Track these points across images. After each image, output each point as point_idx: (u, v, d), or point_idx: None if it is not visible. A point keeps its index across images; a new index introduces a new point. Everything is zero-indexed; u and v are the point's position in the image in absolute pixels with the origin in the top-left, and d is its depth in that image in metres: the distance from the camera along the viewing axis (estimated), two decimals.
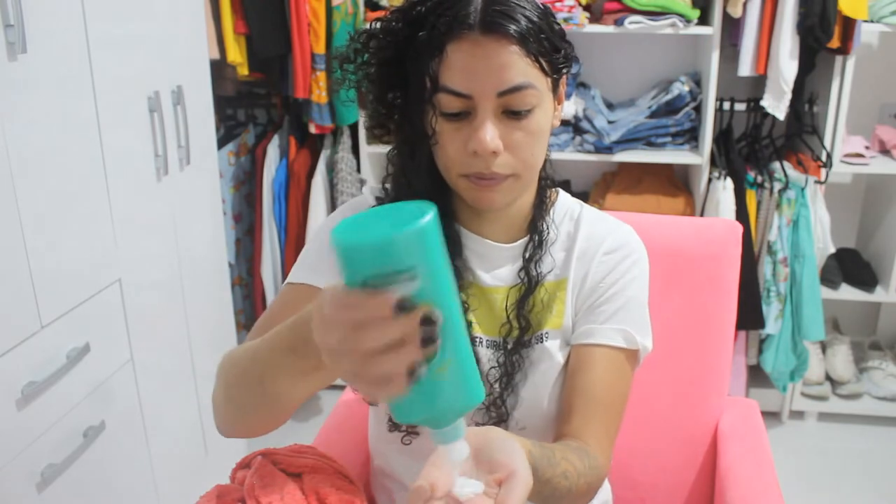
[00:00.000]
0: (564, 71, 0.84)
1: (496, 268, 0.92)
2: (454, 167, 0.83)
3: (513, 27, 0.77)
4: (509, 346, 0.90)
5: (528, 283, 0.90)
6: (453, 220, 0.91)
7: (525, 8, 0.79)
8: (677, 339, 1.26)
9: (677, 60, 2.45)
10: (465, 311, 0.89)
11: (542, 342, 0.91)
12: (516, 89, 0.78)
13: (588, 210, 0.97)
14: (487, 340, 0.91)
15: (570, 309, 0.92)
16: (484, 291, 0.91)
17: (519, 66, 0.78)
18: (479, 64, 0.77)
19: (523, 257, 0.91)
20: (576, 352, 0.91)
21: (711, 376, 1.28)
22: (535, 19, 0.79)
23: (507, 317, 0.90)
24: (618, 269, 0.92)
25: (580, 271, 0.93)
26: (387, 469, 1.02)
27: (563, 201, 0.97)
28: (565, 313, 0.92)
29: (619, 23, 2.17)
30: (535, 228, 0.91)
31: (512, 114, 0.80)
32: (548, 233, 0.92)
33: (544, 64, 0.80)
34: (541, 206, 0.92)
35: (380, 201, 0.92)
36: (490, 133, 0.79)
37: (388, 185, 0.91)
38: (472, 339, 0.90)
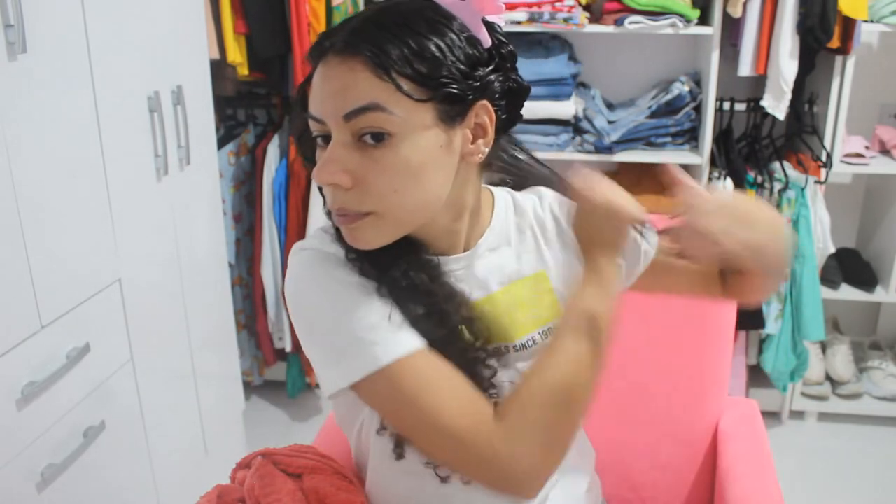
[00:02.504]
0: (461, 92, 0.73)
1: (474, 277, 0.87)
2: (326, 198, 0.77)
3: (366, 46, 0.70)
4: (526, 349, 0.88)
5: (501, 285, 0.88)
6: (422, 251, 0.83)
7: (405, 28, 0.72)
8: (677, 339, 1.26)
9: (677, 60, 2.45)
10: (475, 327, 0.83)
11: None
12: (360, 111, 0.71)
13: (517, 195, 0.94)
14: (505, 347, 0.87)
15: (564, 294, 0.90)
16: (485, 303, 0.87)
17: (366, 88, 0.71)
18: (327, 85, 0.73)
19: (487, 263, 0.88)
20: (652, 265, 0.97)
21: (711, 376, 1.28)
22: (412, 39, 0.71)
23: (510, 320, 0.87)
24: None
25: (553, 257, 0.91)
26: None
27: (499, 198, 0.92)
28: (559, 300, 0.90)
29: (619, 23, 2.17)
30: (481, 235, 0.88)
31: (368, 142, 0.72)
32: (493, 237, 0.89)
33: (408, 87, 0.71)
34: (478, 216, 0.87)
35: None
36: (331, 164, 0.72)
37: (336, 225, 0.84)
38: (494, 351, 0.85)
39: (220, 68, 2.20)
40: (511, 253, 0.90)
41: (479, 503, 0.86)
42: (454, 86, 0.73)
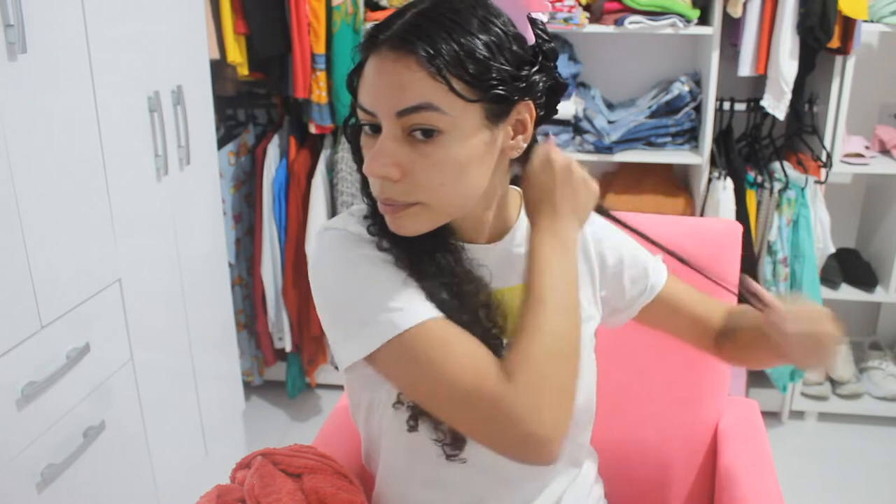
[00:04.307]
0: (508, 94, 0.76)
1: (498, 268, 0.89)
2: (371, 188, 0.80)
3: (422, 46, 0.72)
4: None
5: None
6: (449, 236, 0.85)
7: (458, 26, 0.73)
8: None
9: (677, 60, 2.45)
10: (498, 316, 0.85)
11: None
12: (414, 110, 0.73)
13: None
14: None
15: (586, 295, 0.95)
16: (499, 294, 0.88)
17: (421, 87, 0.72)
18: (382, 81, 0.74)
19: (512, 257, 0.90)
20: (656, 302, 1.01)
21: (711, 376, 1.28)
22: (464, 38, 0.73)
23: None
24: (605, 239, 0.98)
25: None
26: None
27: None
28: (581, 303, 0.92)
29: (619, 23, 2.17)
30: (506, 231, 0.90)
31: (418, 137, 0.75)
32: (520, 234, 0.91)
33: (461, 88, 0.73)
34: (505, 209, 0.90)
35: (370, 218, 0.85)
36: (383, 158, 0.74)
37: (369, 202, 0.86)
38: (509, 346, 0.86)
39: (220, 68, 2.20)
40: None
41: (477, 481, 0.90)
42: (502, 87, 0.75)
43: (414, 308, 0.77)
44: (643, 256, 1.01)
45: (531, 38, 0.79)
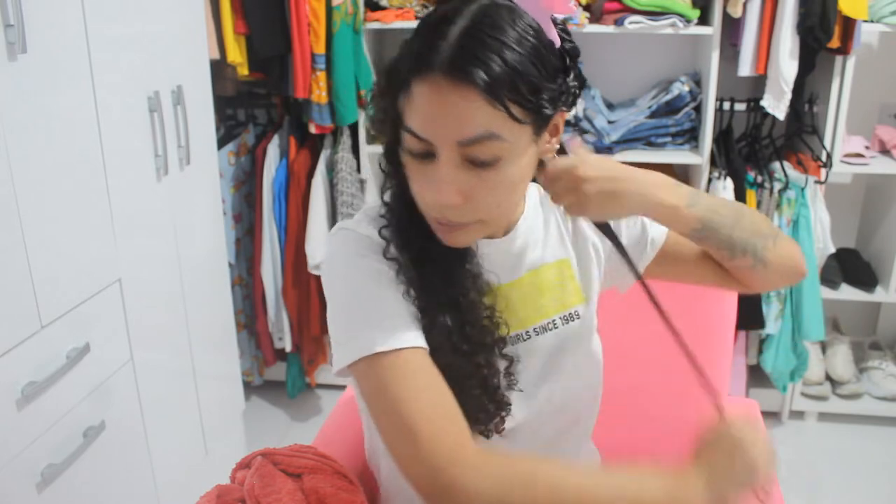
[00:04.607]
0: (552, 110, 0.77)
1: (505, 262, 0.91)
2: (420, 205, 0.81)
3: (480, 73, 0.70)
4: (546, 332, 0.93)
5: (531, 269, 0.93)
6: None
7: (505, 46, 0.72)
8: None
9: (677, 60, 2.45)
10: (497, 314, 0.86)
11: (576, 319, 0.95)
12: (477, 140, 0.73)
13: (541, 189, 0.98)
14: (526, 333, 0.92)
15: (583, 282, 0.97)
16: (504, 290, 0.91)
17: (481, 117, 0.72)
18: (439, 110, 0.73)
19: (517, 249, 0.92)
20: (662, 255, 1.00)
21: (711, 376, 1.27)
22: (514, 60, 0.72)
23: (532, 304, 0.92)
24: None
25: (573, 248, 0.97)
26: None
27: (530, 192, 0.97)
28: (581, 288, 0.96)
29: (619, 23, 2.17)
30: (514, 225, 0.92)
31: (475, 163, 0.75)
32: (525, 226, 0.93)
33: (517, 112, 0.73)
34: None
35: (385, 217, 0.86)
36: (446, 187, 0.75)
37: (388, 200, 0.87)
38: (516, 338, 0.90)
39: (220, 68, 2.20)
40: (539, 241, 0.94)
41: None
42: (549, 108, 0.77)
43: (397, 333, 0.78)
44: (639, 218, 1.00)
45: (557, 41, 0.79)
